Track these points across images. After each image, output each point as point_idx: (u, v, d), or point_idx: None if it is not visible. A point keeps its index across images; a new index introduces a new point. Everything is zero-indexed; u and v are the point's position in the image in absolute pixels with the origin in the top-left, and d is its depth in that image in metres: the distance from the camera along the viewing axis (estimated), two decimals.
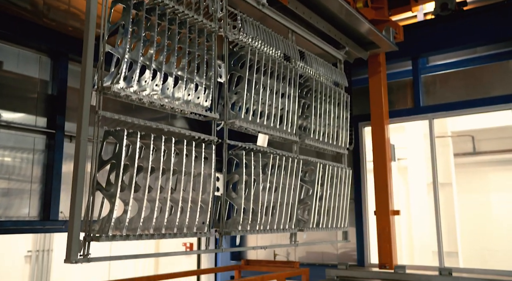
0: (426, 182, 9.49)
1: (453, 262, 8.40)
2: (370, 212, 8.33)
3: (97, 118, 3.27)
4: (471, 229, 9.20)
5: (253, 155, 4.50)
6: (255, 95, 4.62)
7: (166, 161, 3.63)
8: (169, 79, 3.76)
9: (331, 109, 5.92)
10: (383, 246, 7.66)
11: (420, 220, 9.67)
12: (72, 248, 3.00)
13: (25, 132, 6.50)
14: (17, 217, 6.31)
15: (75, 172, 3.11)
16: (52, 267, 10.60)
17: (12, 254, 10.02)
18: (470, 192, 9.47)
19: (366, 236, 8.35)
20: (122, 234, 3.27)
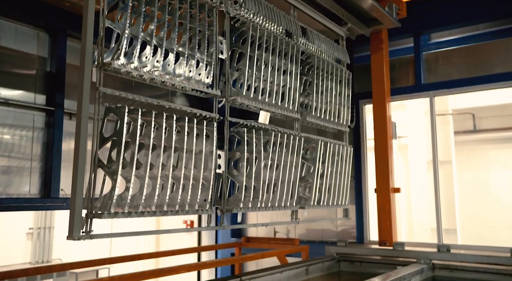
0: (426, 160, 9.51)
1: (452, 239, 8.48)
2: (370, 190, 8.36)
3: (98, 95, 3.22)
4: (470, 206, 9.27)
5: (254, 132, 4.47)
6: (256, 72, 4.56)
7: (168, 138, 3.61)
8: (170, 55, 3.70)
9: (332, 87, 5.87)
10: (382, 224, 7.72)
11: (420, 198, 9.72)
12: (74, 225, 3.00)
13: (24, 109, 6.45)
14: (18, 194, 6.32)
15: (76, 149, 3.09)
16: (54, 244, 10.70)
17: (14, 231, 10.10)
18: (470, 170, 9.50)
19: (365, 213, 8.40)
20: (124, 211, 3.27)
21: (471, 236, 9.06)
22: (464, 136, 9.69)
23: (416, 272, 5.99)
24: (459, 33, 8.02)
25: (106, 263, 7.27)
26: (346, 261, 7.05)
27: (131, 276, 5.40)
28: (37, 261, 10.28)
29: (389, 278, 5.39)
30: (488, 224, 9.01)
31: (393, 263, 6.62)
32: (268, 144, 4.62)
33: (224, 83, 4.38)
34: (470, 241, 8.50)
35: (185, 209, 3.73)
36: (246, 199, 4.36)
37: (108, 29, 3.38)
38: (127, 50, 3.38)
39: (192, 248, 8.55)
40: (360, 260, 6.98)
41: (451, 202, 8.98)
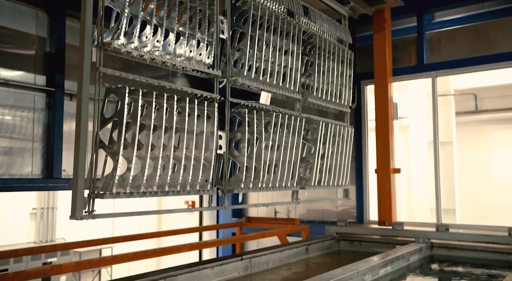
0: (427, 140, 9.51)
1: (451, 218, 8.54)
2: (371, 171, 8.39)
3: (98, 75, 3.21)
4: (470, 187, 9.31)
5: (255, 113, 4.47)
6: (258, 52, 4.53)
7: (169, 119, 3.61)
8: (170, 35, 3.67)
9: (334, 67, 5.83)
10: (382, 204, 7.78)
11: (420, 178, 9.76)
12: (77, 205, 3.03)
13: (25, 90, 6.44)
14: (20, 175, 6.36)
15: (77, 130, 3.09)
16: (57, 224, 10.80)
17: (17, 211, 10.19)
18: (470, 151, 9.51)
19: (365, 194, 8.45)
20: (126, 191, 3.29)
21: (470, 216, 9.12)
22: (465, 117, 9.66)
23: (414, 251, 6.06)
24: (463, 11, 7.92)
25: (109, 242, 7.36)
26: (346, 240, 7.13)
27: (134, 255, 5.48)
28: (41, 240, 10.41)
29: (388, 256, 5.45)
30: (487, 204, 9.06)
31: (392, 242, 6.69)
32: (269, 125, 4.62)
33: (225, 63, 4.35)
34: (469, 220, 8.57)
35: (186, 189, 3.76)
36: (247, 179, 4.38)
37: (108, 9, 3.35)
38: (127, 29, 3.35)
39: (193, 228, 8.64)
40: (359, 239, 7.05)
41: (451, 182, 9.01)
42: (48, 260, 9.19)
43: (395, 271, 5.41)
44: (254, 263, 5.26)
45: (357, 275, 4.70)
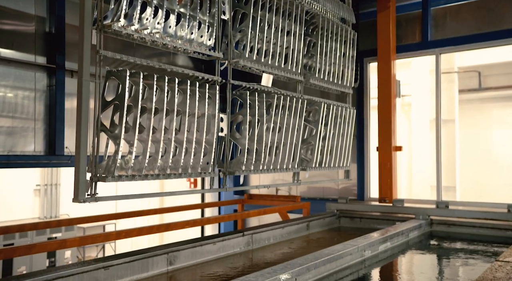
0: (429, 118, 9.51)
1: (451, 196, 8.61)
2: (372, 148, 8.42)
3: (99, 58, 3.19)
4: (471, 164, 9.35)
5: (257, 95, 4.45)
6: (259, 33, 4.48)
7: (170, 102, 3.60)
8: (171, 16, 3.64)
9: (337, 47, 5.77)
10: (383, 181, 7.83)
11: (421, 156, 9.80)
12: (79, 188, 3.05)
13: (25, 67, 6.43)
14: (22, 152, 6.41)
15: (79, 113, 3.09)
16: (61, 200, 10.93)
17: (21, 188, 10.30)
18: (472, 129, 9.52)
19: (366, 171, 8.50)
20: (127, 174, 3.31)
21: (470, 193, 9.20)
22: (468, 95, 9.63)
23: (414, 227, 6.15)
24: None
25: (112, 218, 7.47)
26: (346, 217, 7.22)
27: (138, 230, 5.57)
28: (45, 216, 10.56)
29: (388, 233, 5.54)
30: (488, 181, 9.12)
31: (392, 219, 6.78)
32: (271, 107, 4.61)
33: (226, 44, 4.31)
34: (468, 198, 8.64)
35: (188, 172, 3.78)
36: (248, 162, 4.40)
37: None
38: (127, 11, 3.32)
39: (196, 205, 8.74)
40: (360, 216, 7.14)
41: (452, 160, 9.05)
42: (53, 235, 9.35)
43: (395, 247, 5.51)
44: (255, 239, 5.36)
45: (357, 251, 4.78)
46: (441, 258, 5.44)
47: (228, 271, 4.36)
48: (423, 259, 5.38)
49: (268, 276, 3.52)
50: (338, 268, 4.40)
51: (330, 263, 4.30)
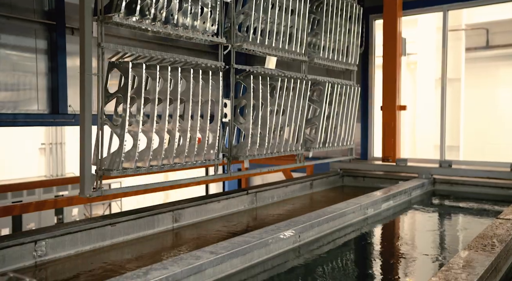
0: (435, 77, 9.40)
1: (454, 155, 8.64)
2: (376, 108, 8.37)
3: (100, 50, 3.09)
4: (475, 123, 9.32)
5: (261, 78, 4.36)
6: (263, 14, 4.33)
7: (173, 91, 3.51)
8: (173, 2, 3.50)
9: (342, 24, 5.60)
10: (387, 141, 7.83)
11: (425, 115, 9.76)
12: (85, 183, 3.02)
13: (25, 24, 6.32)
14: (26, 110, 6.41)
15: (82, 106, 2.99)
16: (66, 158, 11.02)
17: (27, 147, 10.36)
18: (478, 88, 9.42)
19: (370, 131, 8.49)
20: (132, 167, 3.27)
21: (473, 152, 9.22)
22: (475, 53, 9.47)
23: (416, 186, 6.21)
24: None
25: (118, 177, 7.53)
26: (350, 176, 7.28)
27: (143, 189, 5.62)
28: (51, 174, 10.69)
29: (391, 191, 5.60)
30: (491, 140, 9.12)
31: (395, 178, 6.83)
32: (274, 90, 4.52)
33: (229, 27, 4.17)
34: (472, 157, 8.66)
35: (192, 161, 3.74)
36: (252, 146, 4.35)
37: None
38: (127, 0, 3.19)
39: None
40: (363, 175, 7.20)
41: (456, 119, 9.02)
42: (60, 193, 9.50)
43: (397, 206, 5.58)
44: (259, 198, 5.43)
45: (360, 209, 4.85)
46: (443, 217, 5.52)
47: (232, 228, 4.44)
48: (425, 218, 5.46)
49: (272, 233, 3.59)
50: (341, 226, 4.48)
51: (333, 221, 4.37)
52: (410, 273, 3.44)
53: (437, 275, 2.53)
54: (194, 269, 2.79)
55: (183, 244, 3.94)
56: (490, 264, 2.75)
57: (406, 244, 4.35)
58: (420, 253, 3.98)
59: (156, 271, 2.64)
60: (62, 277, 3.15)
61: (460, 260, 2.80)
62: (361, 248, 4.19)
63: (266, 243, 3.44)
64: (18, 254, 3.18)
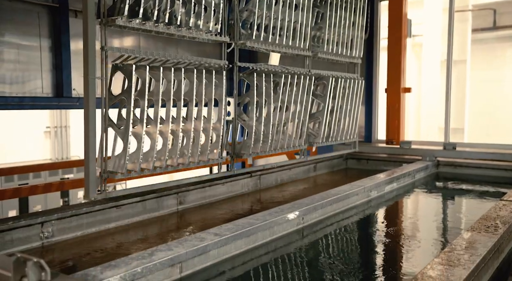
0: (440, 59, 9.31)
1: (459, 138, 8.62)
2: (380, 90, 8.32)
3: (104, 54, 3.06)
4: (480, 106, 9.27)
5: (264, 76, 4.31)
6: (267, 10, 4.28)
7: (176, 91, 3.49)
8: (176, 3, 3.45)
9: (346, 17, 5.52)
10: (391, 123, 7.81)
11: (430, 98, 9.70)
12: (89, 186, 3.02)
13: (29, 5, 6.29)
14: (30, 93, 6.42)
15: (86, 111, 2.97)
16: (71, 142, 11.08)
17: (32, 130, 10.41)
18: (484, 69, 9.33)
19: (374, 113, 8.45)
20: (136, 170, 3.26)
21: (478, 134, 9.19)
22: (482, 34, 9.35)
23: (420, 168, 6.22)
24: None
25: None
26: (353, 159, 7.28)
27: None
28: (56, 158, 10.76)
29: (394, 174, 5.61)
30: (497, 123, 9.07)
31: (399, 161, 6.84)
32: (278, 86, 4.47)
33: (233, 25, 4.12)
34: (477, 139, 8.63)
35: (195, 161, 3.73)
36: (256, 143, 4.32)
37: None
38: (131, 2, 3.14)
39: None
40: (367, 158, 7.21)
41: (462, 101, 8.97)
42: (65, 176, 9.58)
43: (401, 188, 5.60)
44: (263, 180, 5.45)
45: (363, 191, 4.87)
46: (446, 199, 5.54)
47: (236, 210, 4.48)
48: (428, 200, 5.48)
49: (276, 215, 3.62)
50: (344, 208, 4.51)
51: (336, 203, 4.40)
52: (413, 254, 3.47)
53: (439, 256, 2.56)
54: (199, 250, 2.83)
55: (188, 226, 3.98)
56: (493, 245, 2.77)
57: (409, 226, 4.38)
58: (423, 235, 4.01)
59: (161, 252, 2.67)
60: (68, 257, 3.20)
61: (462, 242, 2.82)
62: (364, 230, 4.22)
63: (270, 225, 3.47)
64: (25, 236, 3.23)
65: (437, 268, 2.35)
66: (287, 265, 3.24)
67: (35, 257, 1.60)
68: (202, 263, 2.87)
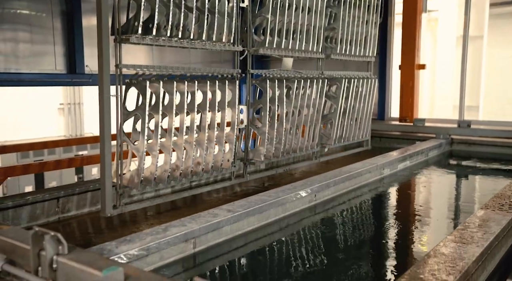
0: (456, 35, 9.10)
1: (473, 115, 8.48)
2: (394, 67, 8.20)
3: (118, 71, 3.00)
4: (496, 83, 9.08)
5: (277, 82, 4.22)
6: (280, 16, 4.17)
7: (190, 103, 3.43)
8: (189, 16, 3.36)
9: (360, 15, 5.35)
10: (404, 100, 7.73)
11: (445, 75, 9.54)
12: (106, 202, 3.00)
13: None
14: (43, 70, 6.45)
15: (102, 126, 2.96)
16: (84, 119, 11.15)
17: (46, 107, 10.48)
18: (501, 46, 9.11)
19: (388, 90, 8.36)
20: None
21: (493, 112, 9.04)
22: (500, 8, 9.09)
23: (434, 146, 6.17)
24: None
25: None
26: None
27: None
28: (70, 134, 10.85)
29: (407, 151, 5.57)
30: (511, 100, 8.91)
31: (413, 138, 6.79)
32: (291, 90, 4.38)
33: (245, 31, 4.01)
34: (492, 117, 8.50)
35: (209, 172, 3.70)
36: (268, 149, 4.25)
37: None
38: (144, 19, 3.08)
39: None
40: (379, 135, 7.16)
41: (477, 79, 8.79)
42: (79, 152, 9.67)
43: (414, 166, 5.57)
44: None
45: (376, 169, 4.86)
46: (459, 177, 5.51)
47: (250, 187, 4.50)
48: (442, 178, 5.45)
49: (289, 192, 3.63)
50: (356, 186, 4.51)
51: (349, 181, 4.39)
52: (426, 231, 3.47)
53: (453, 233, 2.55)
54: (212, 226, 2.86)
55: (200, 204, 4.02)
56: (507, 223, 2.76)
57: (422, 203, 4.38)
58: (436, 212, 4.01)
59: (175, 227, 2.71)
60: (84, 232, 3.26)
61: (476, 219, 2.81)
62: (376, 208, 4.23)
63: (282, 202, 3.49)
64: (42, 210, 3.30)
65: (450, 245, 2.35)
66: (300, 242, 3.27)
67: (52, 231, 1.63)
68: (215, 239, 2.90)
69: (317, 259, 2.95)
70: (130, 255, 2.36)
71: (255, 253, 3.04)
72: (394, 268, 2.80)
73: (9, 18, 6.08)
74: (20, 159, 8.42)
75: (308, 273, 2.71)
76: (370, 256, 3.05)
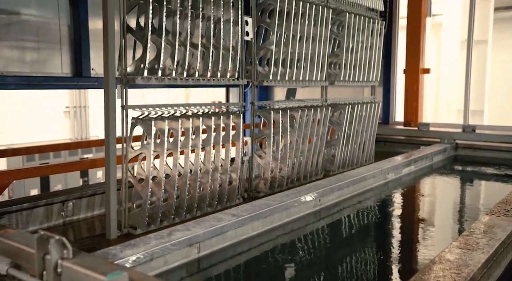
0: (460, 39, 9.09)
1: (478, 120, 8.46)
2: (399, 71, 8.19)
3: (124, 113, 3.03)
4: (501, 87, 9.06)
5: (281, 112, 4.21)
6: (284, 47, 4.19)
7: (195, 139, 3.44)
8: (194, 53, 3.37)
9: (363, 40, 5.35)
10: (409, 104, 7.71)
11: (449, 79, 9.52)
12: (111, 227, 2.99)
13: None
14: (50, 73, 6.48)
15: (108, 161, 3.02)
16: (90, 122, 11.19)
17: (52, 110, 10.54)
18: (506, 50, 9.09)
19: (392, 94, 8.34)
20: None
21: (498, 117, 9.01)
22: (505, 13, 9.08)
23: (438, 151, 6.15)
24: None
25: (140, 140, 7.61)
26: None
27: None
28: (76, 138, 10.89)
29: (412, 156, 5.56)
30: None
31: (417, 143, 6.77)
32: (295, 120, 4.33)
33: (250, 62, 4.03)
34: (497, 122, 8.47)
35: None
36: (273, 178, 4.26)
37: None
38: (150, 60, 3.11)
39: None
40: (384, 140, 7.14)
41: (481, 83, 8.77)
42: (85, 156, 9.70)
43: (418, 170, 5.55)
44: None
45: (380, 173, 4.85)
46: (464, 182, 5.48)
47: None
48: (446, 183, 5.43)
49: (293, 197, 3.63)
50: (361, 190, 4.50)
51: (353, 185, 4.39)
52: (431, 237, 3.46)
53: (458, 239, 2.54)
54: (216, 230, 2.86)
55: None
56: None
57: (426, 209, 4.36)
58: (440, 218, 4.00)
59: (179, 232, 2.71)
60: (89, 235, 3.27)
61: (481, 225, 2.80)
62: (380, 212, 4.21)
63: (286, 207, 3.49)
64: (47, 214, 3.31)
65: (455, 251, 2.34)
66: (304, 246, 3.26)
67: (57, 235, 1.63)
68: (219, 244, 2.90)
69: (321, 264, 2.95)
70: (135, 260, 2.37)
71: (260, 258, 3.04)
72: (399, 274, 2.79)
73: (17, 22, 6.12)
74: (26, 162, 8.46)
75: (312, 278, 2.70)
76: (375, 262, 3.04)
